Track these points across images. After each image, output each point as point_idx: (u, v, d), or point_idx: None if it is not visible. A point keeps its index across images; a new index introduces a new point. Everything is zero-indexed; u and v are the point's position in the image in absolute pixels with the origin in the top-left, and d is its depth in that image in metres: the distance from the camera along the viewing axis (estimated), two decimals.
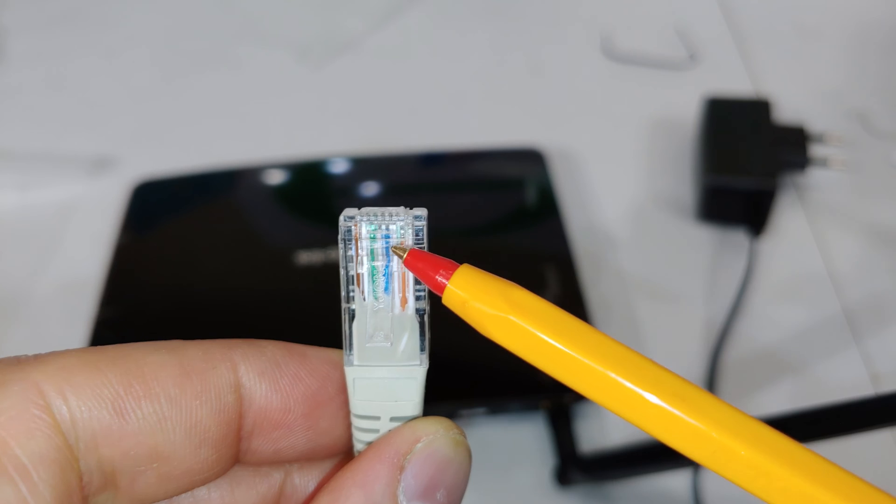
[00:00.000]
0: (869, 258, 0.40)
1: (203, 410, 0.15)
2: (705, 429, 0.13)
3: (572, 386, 0.14)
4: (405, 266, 0.15)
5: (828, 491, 0.13)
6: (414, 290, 0.16)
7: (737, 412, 0.13)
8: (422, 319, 0.16)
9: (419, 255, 0.15)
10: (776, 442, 0.13)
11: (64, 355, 0.14)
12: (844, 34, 0.53)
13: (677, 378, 0.14)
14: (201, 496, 0.17)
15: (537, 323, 0.14)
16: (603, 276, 0.39)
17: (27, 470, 0.12)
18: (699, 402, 0.13)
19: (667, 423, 0.13)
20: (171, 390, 0.14)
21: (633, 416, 0.14)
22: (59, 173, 0.45)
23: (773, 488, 0.13)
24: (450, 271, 0.15)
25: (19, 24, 0.56)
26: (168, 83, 0.52)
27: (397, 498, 0.15)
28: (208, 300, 0.38)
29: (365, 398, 0.16)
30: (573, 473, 0.32)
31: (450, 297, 0.15)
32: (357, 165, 0.43)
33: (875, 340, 0.36)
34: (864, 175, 0.43)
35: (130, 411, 0.14)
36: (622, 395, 0.14)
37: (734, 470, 0.13)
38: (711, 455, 0.13)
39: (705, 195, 0.40)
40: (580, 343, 0.14)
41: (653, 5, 0.56)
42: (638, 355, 0.14)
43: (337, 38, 0.53)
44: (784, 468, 0.13)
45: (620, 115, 0.48)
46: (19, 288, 0.40)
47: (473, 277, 0.15)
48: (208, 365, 0.15)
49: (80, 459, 0.13)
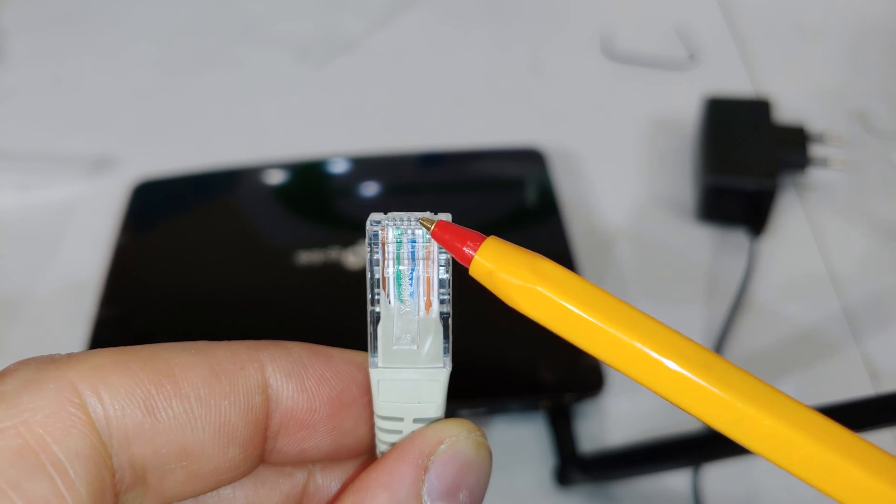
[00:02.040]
0: (869, 258, 0.40)
1: (232, 410, 0.15)
2: (729, 398, 0.13)
3: (598, 356, 0.14)
4: (432, 238, 0.15)
5: (848, 460, 0.13)
6: (438, 294, 0.16)
7: (760, 383, 0.13)
8: (446, 323, 0.16)
9: (447, 227, 0.15)
10: (798, 411, 0.13)
11: (96, 354, 0.14)
12: (844, 34, 0.53)
13: (702, 349, 0.14)
14: (226, 495, 0.17)
15: (564, 293, 0.14)
16: (603, 276, 0.39)
17: (64, 466, 0.13)
18: (724, 372, 0.13)
19: (692, 392, 0.13)
20: (200, 390, 0.15)
21: (658, 385, 0.14)
22: (59, 173, 0.45)
23: (794, 457, 0.13)
24: (477, 242, 0.15)
25: (19, 24, 0.56)
26: (168, 83, 0.52)
27: (422, 498, 0.15)
28: (208, 300, 0.38)
29: (389, 399, 0.16)
30: (573, 473, 0.32)
31: (477, 268, 0.15)
32: (357, 165, 0.43)
33: (875, 340, 0.36)
34: (864, 175, 0.43)
35: (161, 410, 0.14)
36: (648, 365, 0.14)
37: (757, 439, 0.13)
38: (735, 424, 0.13)
39: (705, 195, 0.40)
40: (607, 313, 0.14)
41: (653, 5, 0.56)
42: (664, 326, 0.14)
43: (337, 38, 0.53)
44: (805, 437, 0.13)
45: (620, 115, 0.48)
46: (19, 288, 0.40)
47: (501, 248, 0.15)
48: (236, 365, 0.15)
49: (112, 457, 0.14)
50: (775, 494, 0.32)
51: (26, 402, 0.13)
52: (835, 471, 0.13)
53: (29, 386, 0.13)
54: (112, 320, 0.36)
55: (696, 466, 0.32)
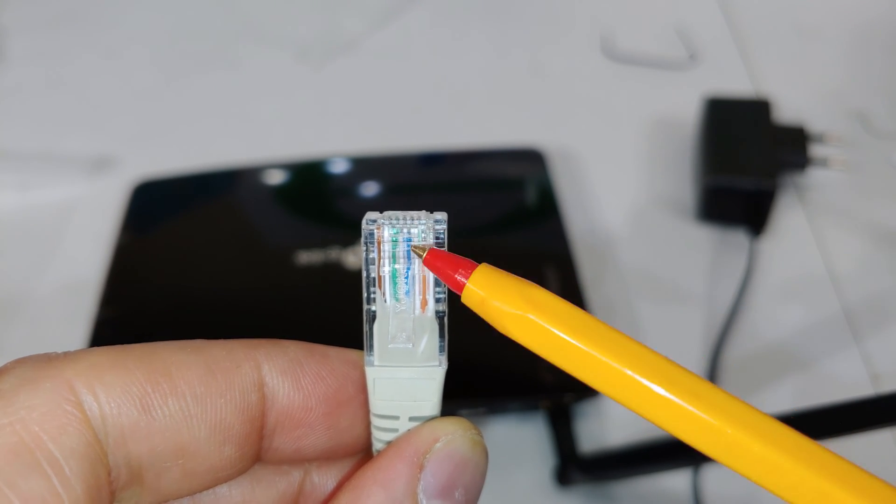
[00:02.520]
0: (869, 258, 0.40)
1: (227, 408, 0.15)
2: (719, 425, 0.13)
3: (589, 383, 0.14)
4: (425, 265, 0.15)
5: (839, 486, 0.13)
6: (434, 293, 0.16)
7: (750, 408, 0.14)
8: (441, 321, 0.16)
9: (439, 255, 0.15)
10: (788, 438, 0.13)
11: (93, 353, 0.14)
12: (844, 34, 0.53)
13: (692, 375, 0.14)
14: (223, 493, 0.17)
15: (556, 321, 0.14)
16: (603, 276, 0.39)
17: (59, 464, 0.13)
18: (713, 399, 0.14)
19: (682, 419, 0.14)
20: (196, 388, 0.15)
21: (649, 412, 0.14)
22: (59, 173, 0.45)
23: (784, 483, 0.13)
24: (469, 270, 0.15)
25: (19, 24, 0.56)
26: (168, 83, 0.52)
27: (417, 496, 0.15)
28: (208, 300, 0.38)
29: (385, 398, 0.16)
30: (573, 473, 0.32)
31: (469, 295, 0.15)
32: (357, 165, 0.43)
33: (875, 340, 0.36)
34: (864, 175, 0.43)
35: (157, 408, 0.14)
36: (638, 392, 0.14)
37: (747, 465, 0.13)
38: (725, 450, 0.14)
39: (705, 195, 0.40)
40: (598, 341, 0.14)
41: (653, 5, 0.56)
42: (654, 353, 0.14)
43: (337, 38, 0.53)
44: (796, 463, 0.13)
45: (621, 115, 0.48)
46: (19, 288, 0.40)
47: (492, 276, 0.15)
48: (233, 364, 0.15)
49: (109, 455, 0.14)
50: None
51: (23, 400, 0.13)
52: (823, 496, 0.13)
53: (25, 384, 0.13)
54: (112, 320, 0.36)
55: (696, 466, 0.32)
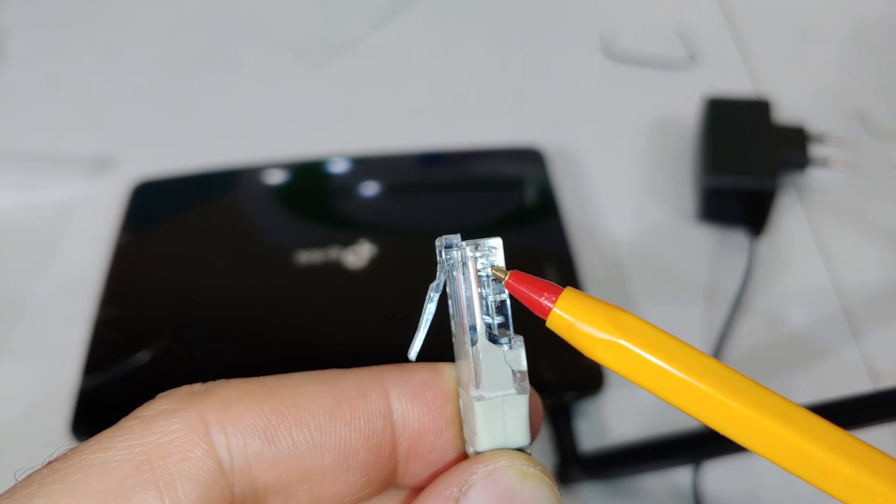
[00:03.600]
0: (869, 258, 0.40)
1: (352, 437, 0.16)
2: (812, 448, 0.14)
3: (682, 408, 0.14)
4: (507, 289, 0.15)
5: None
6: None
7: (836, 429, 0.14)
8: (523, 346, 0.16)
9: (522, 278, 0.15)
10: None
11: (228, 386, 0.16)
12: (844, 34, 0.53)
13: (781, 398, 0.14)
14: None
15: (649, 347, 0.14)
16: (603, 276, 0.39)
17: (175, 485, 0.14)
18: (804, 422, 0.14)
19: (774, 441, 0.14)
20: (321, 418, 0.15)
21: (739, 434, 0.14)
22: (59, 173, 0.45)
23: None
24: (554, 294, 0.15)
25: (19, 24, 0.56)
26: (168, 83, 0.52)
27: None
28: (208, 300, 0.38)
29: (485, 427, 0.16)
30: (574, 472, 0.32)
31: (555, 320, 0.15)
32: (357, 165, 0.43)
33: (875, 340, 0.36)
34: (864, 175, 0.43)
35: (282, 438, 0.15)
36: (731, 416, 0.14)
37: (837, 488, 0.14)
38: (818, 472, 0.14)
39: (705, 195, 0.40)
40: (690, 367, 0.14)
41: (653, 5, 0.56)
42: (745, 378, 0.14)
43: (337, 38, 0.53)
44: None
45: (620, 115, 0.48)
46: (19, 288, 0.40)
47: (579, 301, 0.15)
48: (359, 393, 0.16)
49: (235, 483, 0.15)
50: (775, 492, 0.32)
51: (159, 427, 0.14)
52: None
53: (165, 414, 0.15)
54: (112, 320, 0.36)
55: (697, 464, 0.32)
